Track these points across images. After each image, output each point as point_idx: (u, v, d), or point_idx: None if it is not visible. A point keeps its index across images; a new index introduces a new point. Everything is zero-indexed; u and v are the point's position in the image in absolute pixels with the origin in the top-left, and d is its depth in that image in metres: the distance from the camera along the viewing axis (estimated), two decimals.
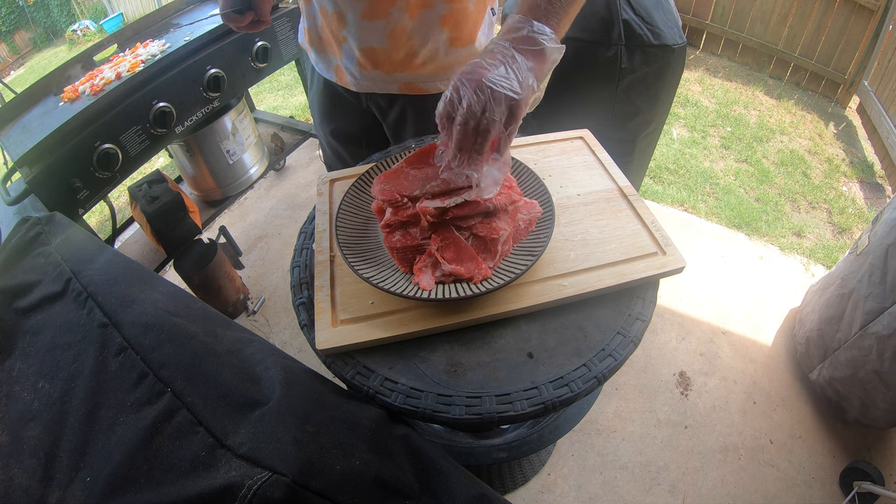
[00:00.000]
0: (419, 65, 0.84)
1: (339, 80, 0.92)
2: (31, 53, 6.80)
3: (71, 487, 0.42)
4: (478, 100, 0.50)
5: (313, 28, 0.88)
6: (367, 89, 0.90)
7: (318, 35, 0.88)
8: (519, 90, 0.51)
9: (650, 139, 1.52)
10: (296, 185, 2.34)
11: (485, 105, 0.50)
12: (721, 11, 3.14)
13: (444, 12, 0.79)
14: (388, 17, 0.78)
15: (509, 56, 0.52)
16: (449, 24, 0.81)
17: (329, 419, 0.47)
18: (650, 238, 0.65)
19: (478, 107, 0.50)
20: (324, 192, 0.77)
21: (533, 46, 0.53)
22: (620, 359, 0.56)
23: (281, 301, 1.81)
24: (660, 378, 1.53)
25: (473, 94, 0.50)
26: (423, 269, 0.59)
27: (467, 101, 0.50)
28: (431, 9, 0.78)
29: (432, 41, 0.82)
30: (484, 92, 0.50)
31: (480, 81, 0.50)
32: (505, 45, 0.52)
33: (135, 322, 0.50)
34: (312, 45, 0.91)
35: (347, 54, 0.85)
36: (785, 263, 1.91)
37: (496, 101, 0.50)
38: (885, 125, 2.45)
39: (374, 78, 0.87)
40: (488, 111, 0.50)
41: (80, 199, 1.18)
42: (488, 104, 0.50)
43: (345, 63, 0.87)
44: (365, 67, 0.85)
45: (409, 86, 0.87)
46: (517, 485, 1.29)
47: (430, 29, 0.80)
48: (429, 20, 0.79)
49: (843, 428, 1.41)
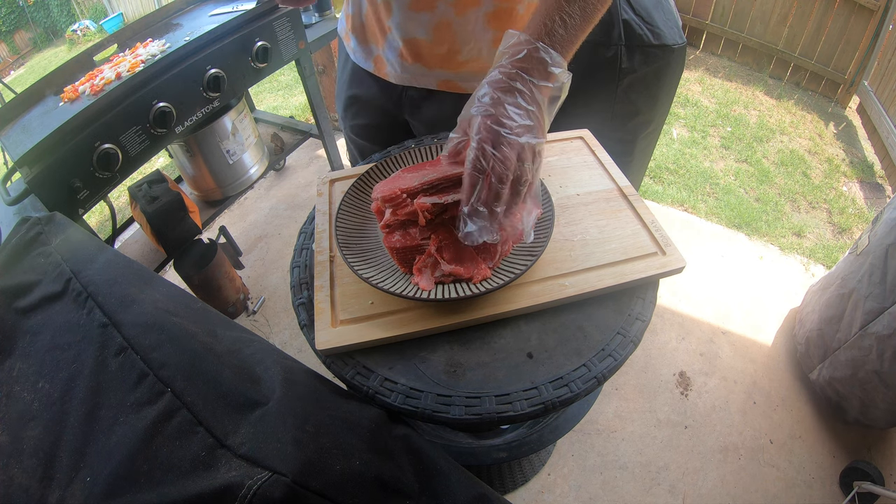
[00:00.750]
0: (461, 62, 0.83)
1: (377, 70, 0.90)
2: (31, 53, 6.81)
3: (71, 487, 0.42)
4: (504, 158, 0.47)
5: (357, 15, 0.87)
6: (406, 82, 0.89)
7: (361, 23, 0.87)
8: (541, 136, 0.50)
9: (650, 139, 1.52)
10: (296, 185, 2.35)
11: (514, 164, 0.48)
12: (721, 11, 3.14)
13: (490, 10, 0.78)
14: (435, 10, 0.77)
15: (527, 93, 0.49)
16: (495, 24, 0.80)
17: (329, 419, 0.47)
18: (650, 238, 0.65)
19: (505, 168, 0.48)
20: (324, 192, 0.77)
21: (545, 82, 0.50)
22: (620, 359, 0.56)
23: (281, 301, 1.81)
24: (660, 378, 1.53)
25: (498, 153, 0.47)
26: (422, 269, 0.59)
27: (492, 162, 0.47)
28: (479, 6, 0.77)
29: (476, 39, 0.81)
30: (513, 148, 0.47)
31: (503, 137, 0.47)
32: (520, 77, 0.49)
33: (135, 322, 0.50)
34: (354, 32, 0.90)
35: (391, 44, 0.84)
36: (785, 263, 1.91)
37: (524, 157, 0.48)
38: (885, 125, 2.45)
39: (415, 71, 0.86)
40: (518, 170, 0.49)
41: (80, 199, 1.18)
42: (518, 163, 0.48)
43: (386, 54, 0.86)
44: (406, 59, 0.84)
45: (449, 83, 0.86)
46: (517, 485, 1.29)
47: (476, 26, 0.79)
48: (475, 17, 0.78)
49: (843, 428, 1.41)
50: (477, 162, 0.49)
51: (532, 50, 0.50)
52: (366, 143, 1.06)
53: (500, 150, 0.48)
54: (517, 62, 0.50)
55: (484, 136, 0.48)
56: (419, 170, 0.63)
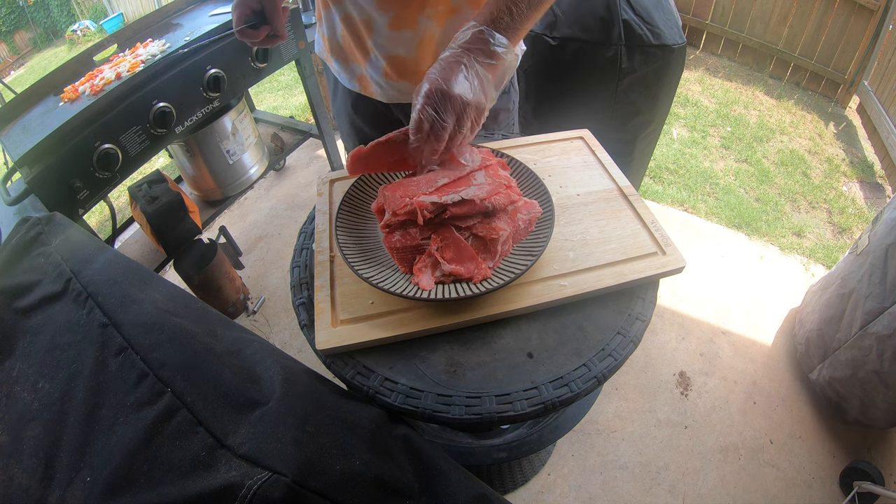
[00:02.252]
0: None
1: (363, 89, 0.89)
2: (31, 53, 6.80)
3: (71, 487, 0.42)
4: (450, 110, 0.55)
5: (332, 37, 0.86)
6: (394, 99, 0.88)
7: (338, 44, 0.86)
8: (484, 101, 0.57)
9: (650, 139, 1.52)
10: (296, 185, 2.34)
11: (456, 116, 0.56)
12: (721, 11, 3.14)
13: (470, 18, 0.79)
14: (417, 27, 0.77)
15: (472, 69, 0.56)
16: None
17: (329, 419, 0.47)
18: (650, 238, 0.65)
19: (449, 118, 0.56)
20: (324, 192, 0.77)
21: (491, 60, 0.57)
22: (620, 359, 0.56)
23: (281, 301, 1.81)
24: (660, 378, 1.53)
25: (445, 105, 0.55)
26: (422, 269, 0.59)
27: (436, 111, 0.55)
28: (459, 14, 0.77)
29: None
30: (455, 105, 0.55)
31: (452, 95, 0.55)
32: (466, 54, 0.56)
33: (135, 322, 0.50)
34: (333, 54, 0.89)
35: (374, 64, 0.84)
36: (785, 263, 1.91)
37: (466, 113, 0.56)
38: (885, 125, 2.45)
39: (402, 88, 0.85)
40: (458, 123, 0.57)
41: (80, 199, 1.18)
42: (459, 116, 0.56)
43: (370, 73, 0.85)
44: (391, 77, 0.84)
45: None
46: (517, 485, 1.29)
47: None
48: (456, 27, 0.77)
49: (843, 428, 1.41)
50: (419, 119, 0.56)
51: (477, 33, 0.57)
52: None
53: (439, 115, 0.56)
54: (463, 44, 0.57)
55: (429, 94, 0.55)
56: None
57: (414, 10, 0.75)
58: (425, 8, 0.75)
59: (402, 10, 0.75)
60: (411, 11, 0.75)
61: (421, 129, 0.57)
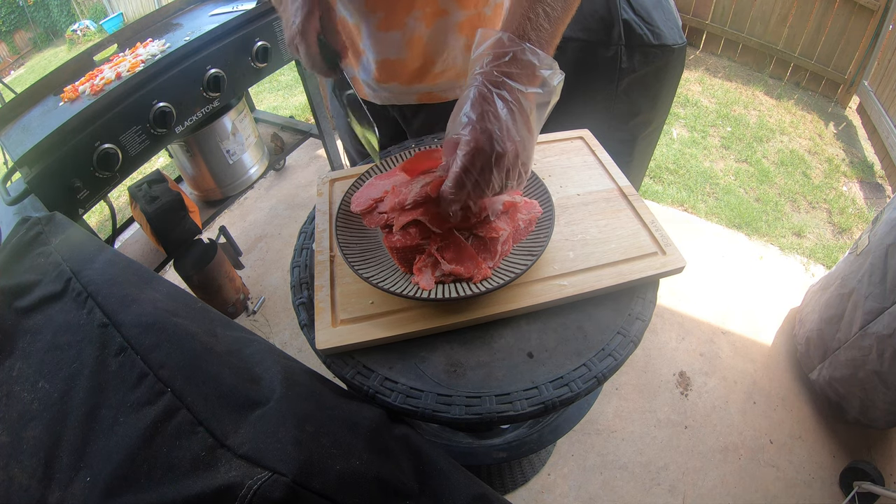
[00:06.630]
0: (437, 74, 0.83)
1: (357, 92, 0.90)
2: (31, 53, 6.80)
3: (71, 487, 0.42)
4: (500, 169, 0.47)
5: None
6: (386, 101, 0.89)
7: None
8: (532, 150, 0.49)
9: (650, 139, 1.52)
10: (296, 185, 2.34)
11: (505, 173, 0.48)
12: (721, 11, 3.14)
13: (461, 19, 0.77)
14: (404, 28, 0.76)
15: (513, 103, 0.45)
16: (466, 31, 0.79)
17: (329, 419, 0.47)
18: (650, 238, 0.65)
19: (497, 180, 0.48)
20: (324, 192, 0.77)
21: (534, 88, 0.46)
22: (620, 359, 0.56)
23: (281, 301, 1.81)
24: (660, 378, 1.53)
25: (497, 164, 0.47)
26: (422, 268, 0.59)
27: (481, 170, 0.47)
28: (448, 16, 0.77)
29: (449, 49, 0.80)
30: (503, 164, 0.46)
31: (502, 154, 0.46)
32: (506, 85, 0.45)
33: (135, 322, 0.50)
34: None
35: (364, 67, 0.84)
36: (785, 263, 1.91)
37: (515, 168, 0.48)
38: (885, 125, 2.45)
39: (393, 89, 0.86)
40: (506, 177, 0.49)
41: (80, 199, 1.18)
42: (508, 172, 0.48)
43: (362, 75, 0.86)
44: (382, 80, 0.84)
45: (429, 95, 0.86)
46: (517, 485, 1.29)
47: (447, 36, 0.79)
48: (445, 28, 0.78)
49: (843, 428, 1.41)
50: (460, 178, 0.49)
51: (518, 52, 0.45)
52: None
53: (484, 175, 0.47)
54: (502, 67, 0.45)
55: (474, 152, 0.46)
56: (390, 177, 0.65)
57: (401, 12, 0.75)
58: (413, 9, 0.75)
59: (389, 12, 0.75)
60: (399, 12, 0.75)
61: (462, 188, 0.49)
